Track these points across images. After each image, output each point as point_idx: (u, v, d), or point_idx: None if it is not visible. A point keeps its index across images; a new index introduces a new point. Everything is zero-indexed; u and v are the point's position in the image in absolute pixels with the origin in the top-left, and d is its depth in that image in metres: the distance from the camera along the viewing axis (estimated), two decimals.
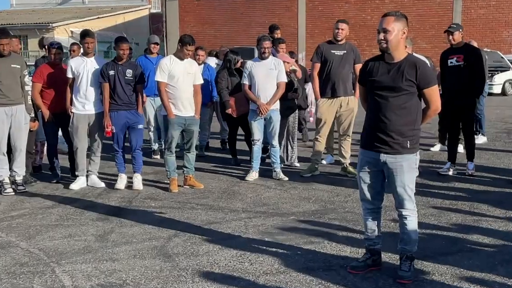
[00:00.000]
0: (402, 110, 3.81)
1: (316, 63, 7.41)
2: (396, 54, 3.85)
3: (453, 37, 7.28)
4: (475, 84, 7.21)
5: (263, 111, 7.17)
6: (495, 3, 25.03)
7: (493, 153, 8.95)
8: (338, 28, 7.32)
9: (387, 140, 3.86)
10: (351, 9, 27.33)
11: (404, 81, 3.78)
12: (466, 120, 7.37)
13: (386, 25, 3.81)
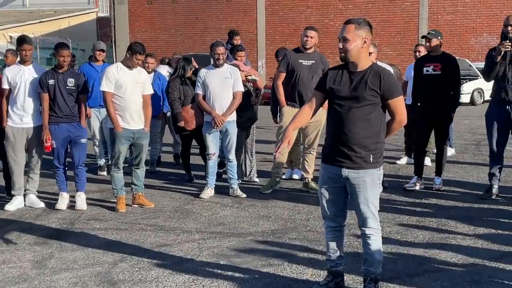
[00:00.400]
0: (365, 122, 3.84)
1: (281, 73, 7.46)
2: (359, 63, 3.89)
3: (430, 44, 7.40)
4: (453, 96, 7.37)
5: (218, 123, 7.14)
6: (462, 9, 25.77)
7: (461, 166, 9.14)
8: (307, 36, 7.38)
9: (349, 154, 3.88)
10: (313, 14, 27.69)
11: (367, 91, 3.82)
12: (440, 132, 7.51)
13: (346, 33, 3.84)
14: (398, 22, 26.57)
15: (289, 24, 28.17)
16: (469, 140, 12.04)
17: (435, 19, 26.12)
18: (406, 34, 26.37)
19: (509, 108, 6.75)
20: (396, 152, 10.47)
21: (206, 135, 7.31)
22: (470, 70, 21.84)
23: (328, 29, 27.03)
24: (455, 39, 25.57)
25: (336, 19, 27.05)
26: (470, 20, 25.79)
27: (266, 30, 28.76)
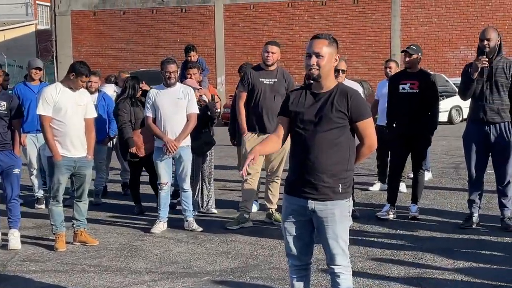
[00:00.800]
0: (333, 147, 3.86)
1: (242, 92, 7.47)
2: (326, 82, 3.93)
3: (410, 60, 7.53)
4: (431, 116, 7.49)
5: (171, 149, 7.10)
6: (437, 20, 26.37)
7: (439, 192, 9.26)
8: (268, 51, 7.40)
9: (316, 183, 3.88)
10: (276, 26, 27.98)
11: (334, 113, 3.85)
12: (417, 155, 7.60)
13: (319, 49, 3.88)
14: (368, 34, 27.03)
15: (250, 37, 28.38)
16: (447, 163, 12.23)
17: (408, 31, 26.66)
18: (377, 48, 26.84)
19: (487, 128, 6.87)
20: (368, 177, 10.54)
21: (157, 162, 7.25)
22: (447, 86, 22.24)
23: (293, 42, 27.35)
24: (430, 53, 26.10)
25: (301, 31, 27.38)
26: (445, 32, 26.39)
27: (225, 43, 28.91)
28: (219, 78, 28.78)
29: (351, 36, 26.98)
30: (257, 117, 7.42)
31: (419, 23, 26.60)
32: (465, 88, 6.91)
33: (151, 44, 29.62)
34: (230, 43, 28.84)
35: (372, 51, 26.94)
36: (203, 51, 27.40)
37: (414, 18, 26.67)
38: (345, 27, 27.06)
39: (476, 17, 25.92)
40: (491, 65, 6.77)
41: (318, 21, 27.37)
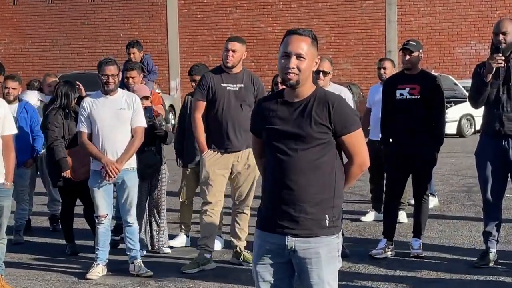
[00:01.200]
0: (315, 170, 3.88)
1: (199, 101, 7.45)
2: (303, 89, 3.94)
3: (411, 59, 7.56)
4: (436, 128, 7.54)
5: (110, 173, 7.04)
6: (442, 9, 26.67)
7: (447, 223, 9.31)
8: (228, 49, 7.40)
9: (296, 215, 3.88)
10: (244, 17, 28.07)
11: (313, 126, 3.86)
12: (420, 178, 7.63)
13: (301, 49, 3.89)
14: (358, 27, 27.23)
15: (211, 30, 28.42)
16: (457, 186, 12.29)
17: (406, 22, 26.93)
18: (369, 43, 27.06)
19: (505, 143, 6.93)
20: (359, 205, 10.55)
21: (94, 189, 7.18)
22: (456, 90, 22.45)
23: (265, 36, 27.46)
24: (434, 49, 26.38)
25: (275, 23, 27.49)
26: (452, 23, 26.70)
27: (180, 38, 28.91)
28: (172, 82, 28.73)
29: (337, 28, 27.18)
30: (220, 131, 7.42)
31: (420, 12, 26.88)
32: (477, 94, 6.97)
33: (87, 40, 29.47)
34: (186, 38, 28.85)
35: (363, 47, 27.14)
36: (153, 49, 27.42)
37: (414, 6, 26.94)
38: (329, 18, 27.26)
39: (489, 5, 26.26)
40: (508, 65, 6.84)
41: (295, 11, 27.52)
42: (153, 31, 28.90)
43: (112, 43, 28.42)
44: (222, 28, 27.83)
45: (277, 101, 4.00)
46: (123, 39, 25.70)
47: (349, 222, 9.32)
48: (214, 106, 7.42)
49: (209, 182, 7.41)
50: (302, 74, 3.88)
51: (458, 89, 22.36)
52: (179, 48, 28.90)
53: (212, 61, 26.55)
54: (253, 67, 25.43)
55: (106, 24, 29.37)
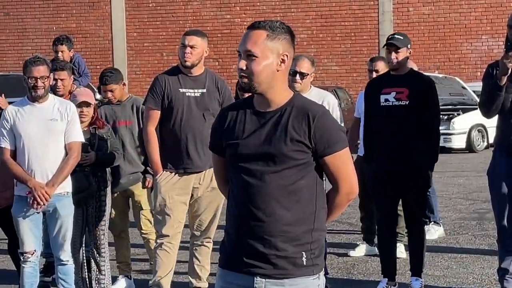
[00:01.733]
0: (290, 197, 3.86)
1: (152, 110, 7.46)
2: (273, 96, 3.92)
3: (397, 57, 7.57)
4: (428, 141, 7.54)
5: (39, 199, 6.97)
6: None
7: (455, 257, 9.31)
8: (185, 45, 7.40)
9: (266, 252, 3.86)
10: (205, 7, 28.10)
11: (289, 144, 3.85)
12: (412, 204, 7.63)
13: (251, 44, 3.87)
14: (346, 19, 27.35)
15: (166, 22, 28.40)
16: (467, 212, 12.33)
17: (404, 13, 27.10)
18: (359, 39, 27.18)
19: None
20: (348, 236, 10.56)
21: (19, 220, 7.09)
22: (464, 95, 22.57)
23: (232, 30, 27.49)
24: (438, 45, 26.57)
25: (244, 13, 27.56)
26: (460, 14, 26.91)
27: (127, 33, 28.86)
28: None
29: (320, 20, 27.28)
30: (177, 147, 7.44)
31: (420, 1, 27.06)
32: (489, 100, 7.00)
33: (12, 35, 29.32)
34: (135, 32, 28.81)
35: (352, 44, 27.26)
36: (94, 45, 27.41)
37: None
38: (310, 7, 27.36)
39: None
40: None
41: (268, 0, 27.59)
42: (94, 23, 28.83)
43: (43, 39, 28.25)
44: (179, 20, 27.87)
45: (244, 110, 3.98)
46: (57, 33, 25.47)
47: (335, 258, 9.32)
48: (171, 116, 7.43)
49: (166, 211, 7.40)
50: (256, 77, 3.85)
51: (467, 93, 22.44)
52: (127, 44, 28.85)
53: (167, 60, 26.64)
54: (217, 67, 25.49)
55: (35, 15, 29.23)
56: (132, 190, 8.30)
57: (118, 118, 8.30)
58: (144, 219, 8.31)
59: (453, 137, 21.49)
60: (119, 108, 8.32)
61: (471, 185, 14.95)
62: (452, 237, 10.49)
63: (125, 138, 8.23)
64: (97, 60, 27.44)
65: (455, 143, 21.54)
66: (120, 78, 8.36)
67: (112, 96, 8.26)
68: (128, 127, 8.29)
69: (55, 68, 8.35)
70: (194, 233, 7.68)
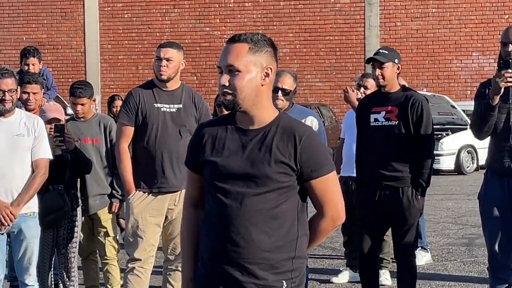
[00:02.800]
0: (270, 222, 3.84)
1: (126, 126, 7.44)
2: (257, 113, 3.90)
3: (383, 73, 7.53)
4: (420, 165, 7.49)
5: (3, 220, 6.91)
6: (437, 12, 27.01)
7: (443, 285, 9.32)
8: (161, 57, 7.40)
9: (243, 280, 3.84)
10: (184, 18, 28.12)
11: (273, 165, 3.83)
12: (401, 233, 7.59)
13: (232, 59, 3.84)
14: (331, 33, 27.42)
15: (142, 34, 28.38)
16: (455, 238, 12.34)
17: (392, 28, 27.21)
18: (344, 54, 27.25)
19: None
20: (331, 261, 10.53)
21: None
22: (454, 114, 22.68)
23: (211, 43, 27.51)
24: (427, 62, 26.68)
25: (224, 26, 27.59)
26: (449, 29, 27.02)
27: (101, 45, 28.83)
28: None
29: (304, 35, 27.34)
30: (152, 165, 7.42)
31: (408, 15, 27.18)
32: (481, 120, 6.97)
33: None
34: (110, 44, 28.78)
35: (336, 59, 27.32)
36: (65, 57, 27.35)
37: (401, 7, 27.24)
38: (293, 21, 27.42)
39: (495, 7, 26.66)
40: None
41: (250, 10, 27.65)
42: (66, 34, 28.80)
43: (11, 49, 28.17)
44: (156, 32, 27.89)
45: (226, 127, 3.96)
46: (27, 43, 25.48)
47: (317, 285, 9.30)
48: (145, 133, 7.41)
49: (138, 233, 7.36)
50: (240, 92, 3.83)
51: (457, 113, 22.57)
52: (100, 56, 28.82)
53: (143, 74, 26.63)
54: (195, 82, 25.51)
55: (4, 24, 29.16)
56: (99, 215, 8.24)
57: (84, 135, 8.24)
58: (110, 246, 8.25)
59: (442, 158, 21.58)
60: (84, 125, 8.26)
61: (460, 209, 14.99)
62: (440, 263, 10.48)
63: (92, 157, 8.15)
64: (69, 73, 27.42)
65: (444, 165, 21.64)
66: (92, 93, 8.33)
67: (82, 110, 8.20)
68: (95, 145, 8.25)
69: (28, 81, 8.30)
70: (168, 257, 7.64)
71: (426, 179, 7.57)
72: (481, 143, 19.65)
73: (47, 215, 7.65)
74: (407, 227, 7.54)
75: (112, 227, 8.26)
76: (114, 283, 8.17)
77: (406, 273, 7.64)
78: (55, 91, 10.83)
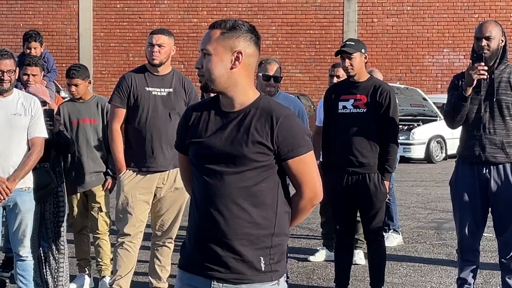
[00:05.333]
0: (250, 199, 3.83)
1: (118, 108, 7.44)
2: (234, 95, 3.88)
3: (352, 63, 7.50)
4: (386, 151, 7.49)
5: (0, 194, 6.86)
6: (411, 9, 27.05)
7: (413, 266, 9.31)
8: (153, 43, 7.39)
9: (223, 255, 3.83)
10: (173, 10, 28.06)
11: (250, 145, 3.81)
12: (370, 216, 7.58)
13: (205, 43, 3.86)
14: (312, 27, 27.42)
15: (133, 23, 28.30)
16: (425, 221, 12.37)
17: (369, 23, 27.22)
18: (324, 47, 27.25)
19: (486, 171, 6.94)
20: (308, 241, 10.52)
21: None
22: (425, 106, 22.75)
23: (198, 33, 27.41)
24: (401, 57, 26.71)
25: (211, 18, 27.44)
26: (422, 26, 27.07)
27: (94, 32, 28.74)
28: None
29: (286, 28, 27.32)
30: (142, 146, 7.40)
31: (384, 12, 27.19)
32: (454, 111, 6.96)
33: None
34: (102, 32, 28.68)
35: (316, 52, 27.32)
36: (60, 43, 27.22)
37: (378, 4, 27.26)
38: (275, 15, 27.39)
39: (466, 7, 26.71)
40: (491, 77, 6.87)
41: (235, 3, 27.63)
42: (61, 21, 28.66)
43: (9, 35, 28.04)
44: (146, 22, 27.78)
45: (209, 110, 3.95)
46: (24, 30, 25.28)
47: (295, 263, 9.28)
48: (136, 115, 7.40)
49: (128, 210, 7.37)
50: (211, 74, 3.83)
51: (428, 105, 22.64)
52: (93, 43, 28.72)
53: (133, 61, 26.52)
54: (182, 70, 25.33)
55: (2, 11, 29.00)
56: (94, 191, 8.18)
57: (82, 116, 8.18)
58: (102, 221, 8.19)
59: (413, 147, 21.68)
60: (83, 106, 8.20)
61: (430, 195, 15.02)
62: (411, 245, 10.49)
63: (89, 136, 8.12)
64: (63, 58, 27.23)
65: (415, 153, 21.72)
66: (87, 75, 8.26)
67: (76, 91, 8.14)
68: (92, 125, 8.19)
69: (28, 63, 8.31)
70: (156, 233, 7.65)
71: (391, 164, 7.58)
72: (450, 133, 20.01)
73: (36, 192, 7.60)
74: (375, 211, 7.54)
75: (105, 203, 8.21)
76: (105, 256, 8.13)
77: (376, 252, 7.67)
78: (55, 73, 10.71)
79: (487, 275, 8.60)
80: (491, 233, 7.26)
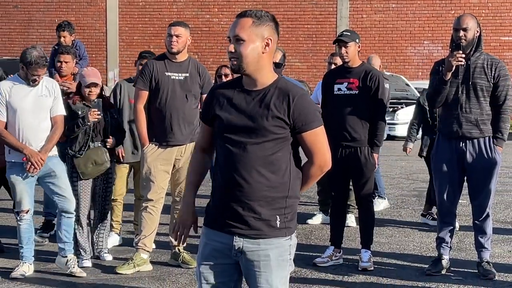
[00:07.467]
0: (268, 166, 3.84)
1: (142, 91, 7.42)
2: (258, 76, 3.88)
3: (347, 51, 7.50)
4: (375, 127, 7.48)
5: (36, 165, 6.92)
6: (396, 6, 26.94)
7: (397, 228, 9.35)
8: (171, 34, 7.37)
9: (244, 214, 3.84)
10: (188, 7, 27.90)
11: (270, 119, 3.82)
12: (361, 184, 7.59)
13: (239, 30, 3.82)
14: (308, 22, 27.32)
15: (153, 19, 28.17)
16: (408, 190, 12.41)
17: (358, 19, 27.11)
18: (319, 39, 27.15)
19: (463, 145, 6.98)
20: (306, 207, 10.53)
21: (15, 183, 7.04)
22: (408, 91, 22.72)
23: (211, 28, 27.36)
24: (386, 48, 26.62)
25: (221, 14, 27.41)
26: (406, 21, 26.98)
27: (120, 27, 28.59)
28: (110, 73, 28.40)
29: (286, 23, 27.17)
30: (162, 123, 7.40)
31: (372, 9, 27.09)
32: (435, 93, 6.98)
33: (19, 25, 28.96)
34: (127, 27, 28.55)
35: (313, 43, 27.23)
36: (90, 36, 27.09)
37: (367, 2, 27.14)
38: (278, 11, 27.20)
39: (444, 4, 26.61)
40: (468, 63, 6.89)
41: (242, 1, 27.46)
42: (91, 17, 28.52)
43: (46, 29, 27.91)
44: (165, 18, 27.59)
45: (234, 88, 3.94)
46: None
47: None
48: (157, 96, 7.40)
49: (151, 178, 7.37)
50: (245, 58, 3.83)
51: (410, 90, 22.62)
52: (119, 36, 28.58)
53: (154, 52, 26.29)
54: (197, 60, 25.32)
55: (40, 8, 28.86)
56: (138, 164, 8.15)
57: (131, 97, 8.13)
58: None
59: (397, 126, 21.71)
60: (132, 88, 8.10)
61: (412, 167, 15.01)
62: (396, 210, 10.53)
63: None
64: (92, 50, 27.11)
65: (399, 132, 21.67)
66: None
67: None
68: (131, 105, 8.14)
69: (61, 52, 8.38)
70: (175, 199, 7.64)
71: (380, 139, 7.59)
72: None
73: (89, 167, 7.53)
74: (365, 179, 7.54)
75: None
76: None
77: (366, 215, 7.68)
78: (86, 60, 10.64)
79: (461, 235, 8.62)
80: (466, 199, 7.25)
